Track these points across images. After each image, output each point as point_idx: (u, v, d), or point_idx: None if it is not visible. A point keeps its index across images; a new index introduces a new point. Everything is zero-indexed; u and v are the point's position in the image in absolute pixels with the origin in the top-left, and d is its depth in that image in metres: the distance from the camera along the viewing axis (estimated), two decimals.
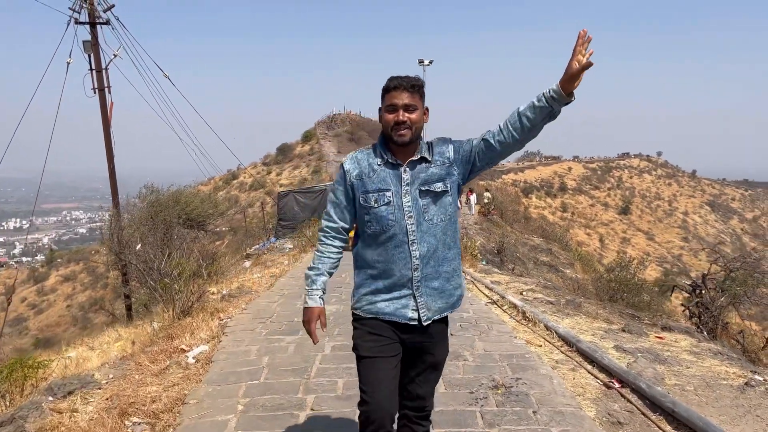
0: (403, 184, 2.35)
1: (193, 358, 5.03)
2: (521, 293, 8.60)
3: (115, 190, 12.89)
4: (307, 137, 66.60)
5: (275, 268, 11.43)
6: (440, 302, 2.43)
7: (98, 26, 12.31)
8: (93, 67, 12.43)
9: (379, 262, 2.38)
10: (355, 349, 2.46)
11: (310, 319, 2.43)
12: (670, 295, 10.85)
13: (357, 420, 2.47)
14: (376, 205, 2.35)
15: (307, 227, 20.73)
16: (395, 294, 2.38)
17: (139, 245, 9.87)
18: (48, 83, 12.14)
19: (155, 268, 7.08)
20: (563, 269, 25.42)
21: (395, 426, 2.49)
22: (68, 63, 11.78)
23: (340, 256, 2.51)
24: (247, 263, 18.88)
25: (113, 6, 12.27)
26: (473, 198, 31.28)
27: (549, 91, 2.21)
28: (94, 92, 12.49)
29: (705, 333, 9.31)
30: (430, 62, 35.05)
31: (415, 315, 2.38)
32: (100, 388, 4.62)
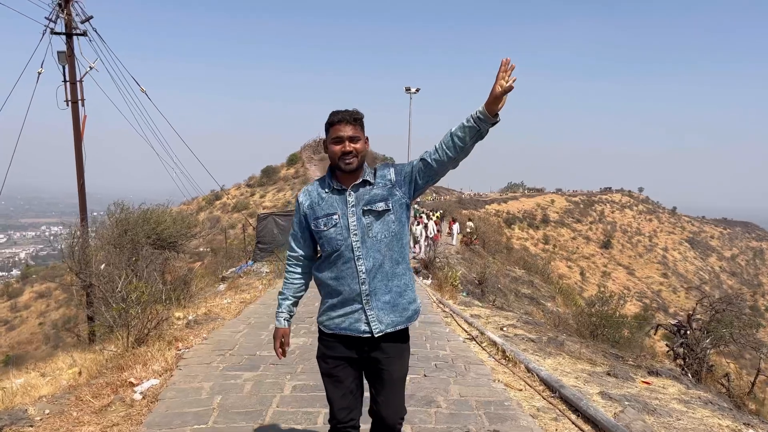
0: (348, 206, 2.57)
1: (141, 393, 4.56)
2: (501, 329, 8.23)
3: (83, 206, 12.39)
4: (292, 160, 66.32)
5: (247, 294, 10.95)
6: (393, 316, 2.57)
7: (75, 37, 11.93)
8: (67, 78, 12.01)
9: (331, 279, 2.58)
10: (318, 363, 2.70)
11: (275, 338, 2.73)
12: (654, 334, 10.51)
13: None
14: (325, 229, 2.58)
15: (285, 251, 20.22)
16: (347, 309, 2.56)
17: (104, 265, 9.36)
18: (22, 95, 11.72)
19: (116, 290, 6.59)
20: (544, 302, 25.14)
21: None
22: (39, 73, 11.35)
23: (304, 281, 2.78)
24: (222, 286, 18.30)
25: (91, 17, 11.91)
26: (456, 227, 30.91)
27: (476, 113, 2.41)
28: (67, 104, 12.06)
29: (690, 375, 9.00)
30: (417, 90, 35.04)
31: (367, 328, 2.54)
32: (31, 426, 4.14)
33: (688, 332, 9.60)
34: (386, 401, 2.59)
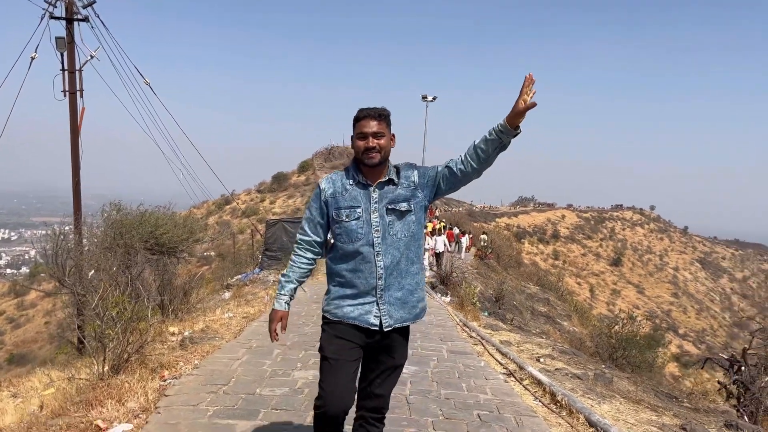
0: (372, 202, 2.61)
1: None
2: (538, 360, 7.19)
3: (78, 206, 11.48)
4: (303, 167, 65.76)
5: (250, 307, 9.95)
6: (402, 312, 2.63)
7: (75, 23, 11.05)
8: (66, 67, 11.13)
9: (347, 271, 2.60)
10: (320, 349, 2.67)
11: (272, 320, 2.70)
12: (702, 368, 9.45)
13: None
14: (347, 220, 2.61)
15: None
16: (360, 301, 2.60)
17: (92, 272, 8.41)
18: (25, 87, 10.80)
19: (98, 300, 5.63)
20: (560, 321, 24.13)
21: (350, 428, 2.80)
22: (32, 58, 10.45)
23: (311, 266, 2.76)
24: (226, 294, 17.34)
25: (94, 2, 11.05)
26: (464, 240, 29.70)
27: (498, 126, 2.47)
28: (65, 95, 11.18)
29: (746, 417, 8.01)
30: (434, 98, 34.13)
31: (376, 321, 2.59)
32: None
33: (743, 368, 8.57)
34: (382, 383, 2.70)
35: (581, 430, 4.28)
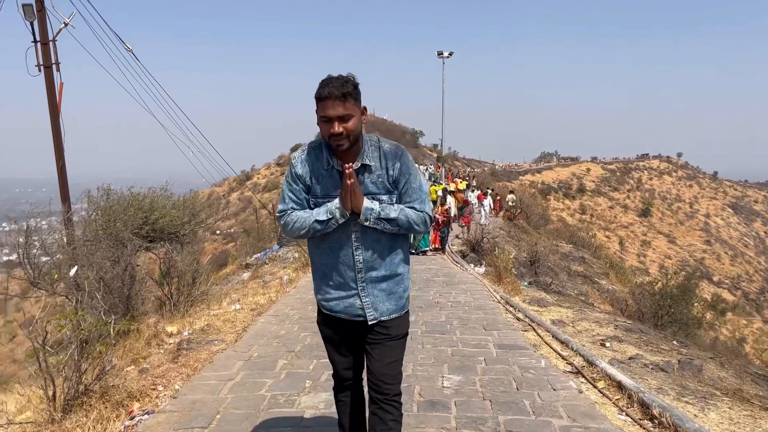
0: None
1: None
2: (603, 344, 5.91)
3: (65, 193, 10.36)
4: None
5: (262, 296, 8.83)
6: (389, 304, 2.47)
7: None
8: (38, 38, 9.93)
9: (325, 262, 2.46)
10: (320, 330, 2.63)
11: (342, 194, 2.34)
12: None
13: None
14: None
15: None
16: (342, 293, 2.45)
17: (75, 269, 7.30)
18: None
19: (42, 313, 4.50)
20: (598, 280, 22.83)
21: (365, 390, 2.65)
22: None
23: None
24: (245, 275, 16.37)
25: None
26: (487, 202, 28.02)
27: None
28: (39, 70, 9.99)
29: None
30: (450, 54, 32.39)
31: (362, 313, 2.45)
32: None
33: None
34: (380, 354, 2.49)
35: None
